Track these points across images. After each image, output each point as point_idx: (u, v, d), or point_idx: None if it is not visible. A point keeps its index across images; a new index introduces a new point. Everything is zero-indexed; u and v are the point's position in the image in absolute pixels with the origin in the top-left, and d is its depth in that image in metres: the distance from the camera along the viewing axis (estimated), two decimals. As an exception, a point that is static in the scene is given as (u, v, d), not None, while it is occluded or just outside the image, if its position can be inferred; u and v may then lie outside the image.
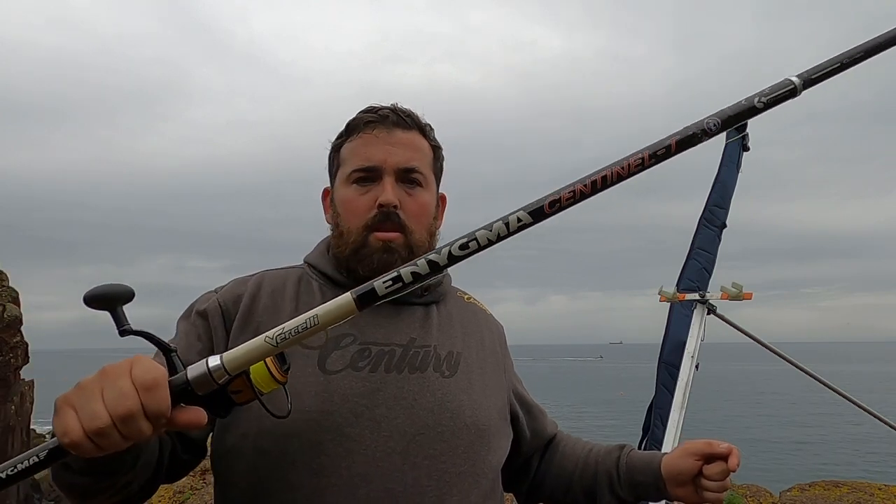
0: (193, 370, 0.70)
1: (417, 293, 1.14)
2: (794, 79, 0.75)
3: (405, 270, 0.71)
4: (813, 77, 0.76)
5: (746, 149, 3.33)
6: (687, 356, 2.80)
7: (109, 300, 0.72)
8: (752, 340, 3.17)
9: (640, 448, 2.96)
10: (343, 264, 1.12)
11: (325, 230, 1.20)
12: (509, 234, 0.71)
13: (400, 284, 0.71)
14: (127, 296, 0.73)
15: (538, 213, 0.71)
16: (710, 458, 1.09)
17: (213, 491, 1.10)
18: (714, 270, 3.13)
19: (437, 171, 1.19)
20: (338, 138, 1.18)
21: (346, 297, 0.70)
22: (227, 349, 1.04)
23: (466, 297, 1.28)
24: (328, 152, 1.20)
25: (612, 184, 0.72)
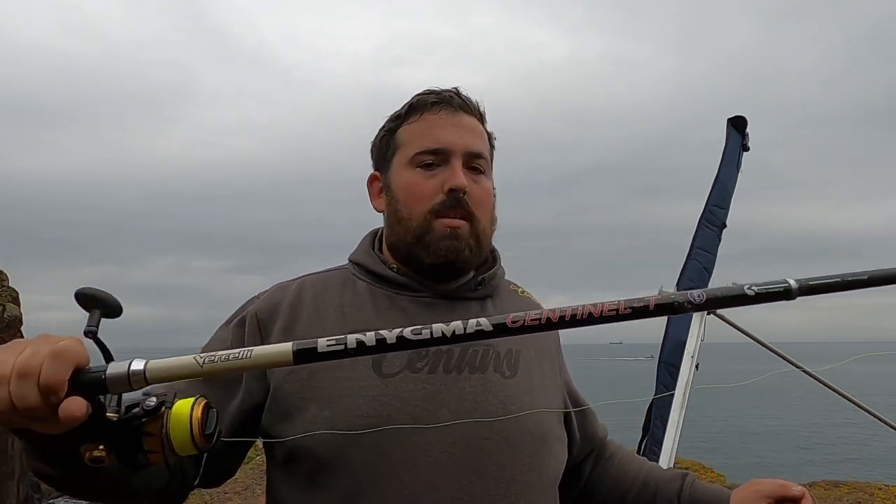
0: (114, 367, 0.66)
1: (471, 286, 1.08)
2: (792, 281, 0.74)
3: (351, 338, 0.69)
4: (810, 285, 0.74)
5: (746, 149, 3.33)
6: (687, 356, 2.80)
7: (96, 302, 0.73)
8: (752, 340, 3.17)
9: (639, 448, 2.98)
10: (402, 253, 1.06)
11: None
12: (465, 334, 0.69)
13: (342, 348, 0.68)
14: (112, 308, 0.74)
15: (501, 327, 0.70)
16: (781, 500, 1.04)
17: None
18: (714, 270, 3.13)
19: (492, 161, 1.14)
20: (393, 120, 1.10)
21: (287, 346, 0.68)
22: None
23: (520, 290, 1.20)
24: (381, 133, 1.12)
25: (580, 324, 0.70)
